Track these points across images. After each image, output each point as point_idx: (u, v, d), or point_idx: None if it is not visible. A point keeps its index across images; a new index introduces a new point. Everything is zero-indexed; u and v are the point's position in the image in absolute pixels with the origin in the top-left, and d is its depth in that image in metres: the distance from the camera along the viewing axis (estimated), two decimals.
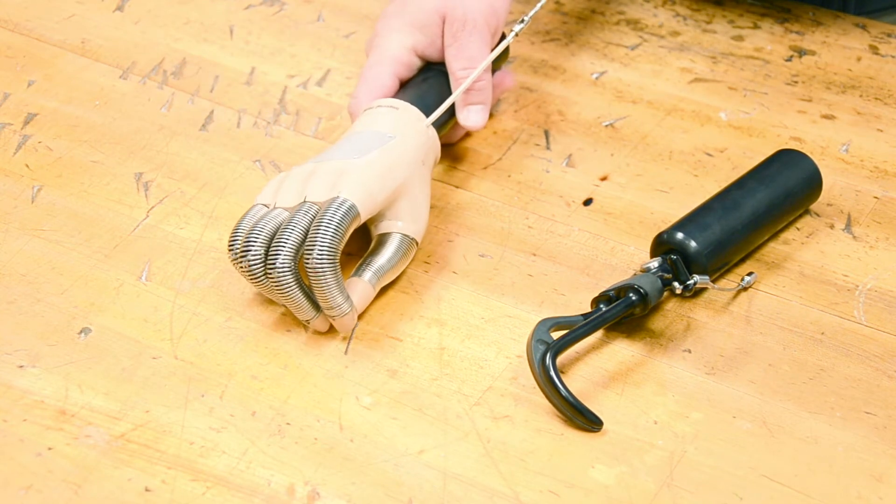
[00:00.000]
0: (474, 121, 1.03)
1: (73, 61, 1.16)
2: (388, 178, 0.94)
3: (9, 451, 0.85)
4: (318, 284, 0.89)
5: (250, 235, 0.90)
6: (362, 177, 0.92)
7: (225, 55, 1.17)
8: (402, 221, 0.95)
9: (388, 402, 0.88)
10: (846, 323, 0.93)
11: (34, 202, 1.03)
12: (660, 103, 1.11)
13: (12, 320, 0.94)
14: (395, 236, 0.95)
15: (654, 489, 0.83)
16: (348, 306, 0.90)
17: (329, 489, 0.83)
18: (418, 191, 0.96)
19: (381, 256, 0.94)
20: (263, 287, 0.91)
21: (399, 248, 0.95)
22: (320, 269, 0.89)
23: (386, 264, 0.94)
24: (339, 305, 0.90)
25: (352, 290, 0.92)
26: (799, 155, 0.99)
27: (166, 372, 0.90)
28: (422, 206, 0.96)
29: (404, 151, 0.96)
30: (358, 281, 0.93)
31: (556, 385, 0.86)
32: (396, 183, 0.94)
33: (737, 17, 1.19)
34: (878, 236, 0.99)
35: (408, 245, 0.95)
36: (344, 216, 0.90)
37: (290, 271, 0.89)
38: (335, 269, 0.89)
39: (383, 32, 1.04)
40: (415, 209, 0.95)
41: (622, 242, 0.99)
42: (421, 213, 0.96)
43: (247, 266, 0.90)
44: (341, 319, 0.91)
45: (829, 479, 0.84)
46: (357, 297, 0.92)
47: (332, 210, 0.90)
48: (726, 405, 0.88)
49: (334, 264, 0.89)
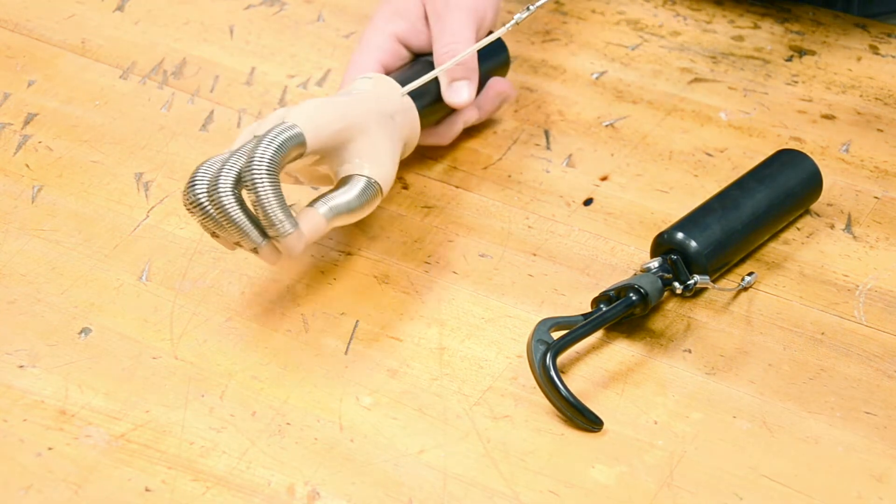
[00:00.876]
0: (458, 96, 1.02)
1: (73, 61, 1.16)
2: (341, 113, 0.92)
3: (9, 451, 0.85)
4: (258, 199, 0.87)
5: (196, 173, 0.89)
6: (312, 107, 0.91)
7: (225, 55, 1.17)
8: (365, 164, 0.93)
9: (388, 402, 0.88)
10: (846, 323, 0.93)
11: (34, 202, 1.03)
12: (660, 103, 1.11)
13: (12, 320, 0.94)
14: (357, 178, 0.93)
15: (654, 489, 0.83)
16: (291, 225, 0.88)
17: (329, 489, 0.83)
18: (382, 138, 0.94)
19: (339, 194, 0.92)
20: (213, 224, 0.89)
21: (360, 190, 0.92)
22: (258, 181, 0.87)
23: (342, 202, 0.92)
24: (282, 222, 0.88)
25: (302, 218, 0.90)
26: (799, 155, 0.99)
27: (166, 372, 0.90)
28: (386, 153, 0.94)
29: (368, 99, 0.95)
30: (309, 210, 0.91)
31: (556, 385, 0.86)
32: (350, 119, 0.92)
33: (737, 17, 1.19)
34: (878, 236, 0.99)
35: (369, 188, 0.93)
36: (286, 135, 0.89)
37: (230, 193, 0.88)
38: (274, 184, 0.87)
39: (368, 25, 1.04)
40: (378, 154, 0.94)
41: (622, 242, 0.99)
42: (385, 160, 0.94)
43: (193, 198, 0.89)
44: (285, 240, 0.88)
45: (829, 479, 0.84)
46: (306, 225, 0.90)
47: (275, 131, 0.89)
48: (726, 405, 0.88)
49: (273, 178, 0.87)
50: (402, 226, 1.01)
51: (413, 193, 1.03)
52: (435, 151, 1.07)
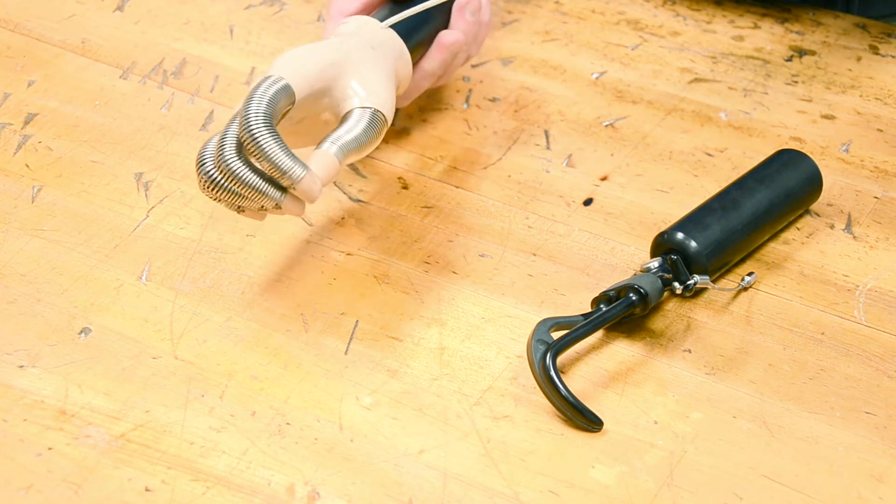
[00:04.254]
0: None
1: (73, 61, 1.16)
2: (319, 54, 0.92)
3: (9, 451, 0.86)
4: (261, 151, 0.87)
5: (203, 153, 0.89)
6: (289, 55, 0.91)
7: (225, 55, 1.17)
8: (361, 96, 0.93)
9: (388, 402, 0.88)
10: (846, 323, 0.93)
11: (34, 202, 1.03)
12: (660, 103, 1.11)
13: (12, 320, 0.94)
14: (358, 111, 0.92)
15: (654, 489, 0.83)
16: (302, 168, 0.87)
17: (329, 489, 0.83)
18: (370, 68, 0.94)
19: (342, 128, 0.92)
20: (231, 196, 0.89)
21: (365, 122, 0.92)
22: (257, 134, 0.87)
23: (350, 138, 0.91)
24: (292, 168, 0.87)
25: (313, 161, 0.89)
26: (799, 155, 0.99)
27: (166, 372, 0.90)
28: (378, 81, 0.94)
29: (347, 37, 0.95)
30: (318, 152, 0.90)
31: (556, 385, 0.86)
32: (330, 57, 0.92)
33: (737, 17, 1.19)
34: (878, 236, 0.99)
35: (370, 116, 0.92)
36: (273, 90, 0.89)
37: (236, 158, 0.88)
38: (273, 134, 0.87)
39: None
40: (370, 83, 0.93)
41: (622, 242, 0.99)
42: (378, 87, 0.93)
43: (204, 177, 0.89)
44: (301, 185, 0.88)
45: (829, 479, 0.84)
46: (318, 167, 0.89)
47: (261, 87, 0.89)
48: (726, 405, 0.88)
49: (270, 129, 0.87)
50: (402, 226, 1.01)
51: (413, 193, 1.03)
52: (435, 151, 1.07)
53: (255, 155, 0.87)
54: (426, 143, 1.07)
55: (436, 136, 1.08)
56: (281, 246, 0.99)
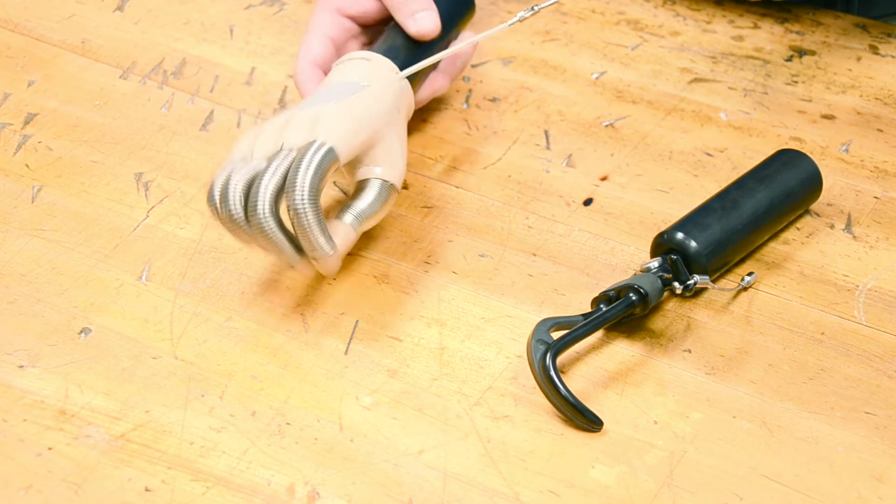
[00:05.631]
0: (422, 27, 1.01)
1: (73, 61, 1.16)
2: (364, 121, 0.94)
3: (9, 451, 0.86)
4: (300, 226, 0.89)
5: (229, 184, 0.90)
6: (339, 120, 0.93)
7: (225, 55, 1.17)
8: (380, 167, 0.95)
9: (388, 402, 0.88)
10: (846, 323, 0.93)
11: (34, 202, 1.03)
12: (660, 103, 1.11)
13: (12, 320, 0.94)
14: (375, 182, 0.95)
15: (654, 489, 0.83)
16: (331, 248, 0.90)
17: (329, 489, 0.83)
18: (395, 138, 0.96)
19: (362, 201, 0.94)
20: (245, 235, 0.91)
21: (379, 193, 0.94)
22: (302, 210, 0.89)
23: (367, 208, 0.94)
24: (322, 247, 0.90)
25: (334, 232, 0.92)
26: (799, 155, 0.99)
27: (166, 372, 0.90)
28: (398, 153, 0.96)
29: (379, 98, 0.96)
30: (339, 223, 0.93)
31: (556, 385, 0.86)
32: (373, 128, 0.94)
33: (737, 17, 1.19)
34: (878, 236, 0.99)
35: (388, 190, 0.95)
36: (323, 158, 0.90)
37: (271, 215, 0.89)
38: (317, 210, 0.89)
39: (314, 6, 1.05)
40: (391, 155, 0.95)
41: (622, 242, 0.99)
42: (397, 160, 0.96)
43: (227, 214, 0.90)
44: (325, 261, 0.90)
45: (829, 479, 0.84)
46: (339, 240, 0.92)
47: (311, 152, 0.90)
48: (726, 405, 0.88)
49: (316, 205, 0.89)
50: (402, 226, 1.01)
51: (413, 193, 1.03)
52: (435, 151, 1.07)
53: (295, 224, 0.89)
54: (426, 143, 1.07)
55: (436, 136, 1.08)
56: None
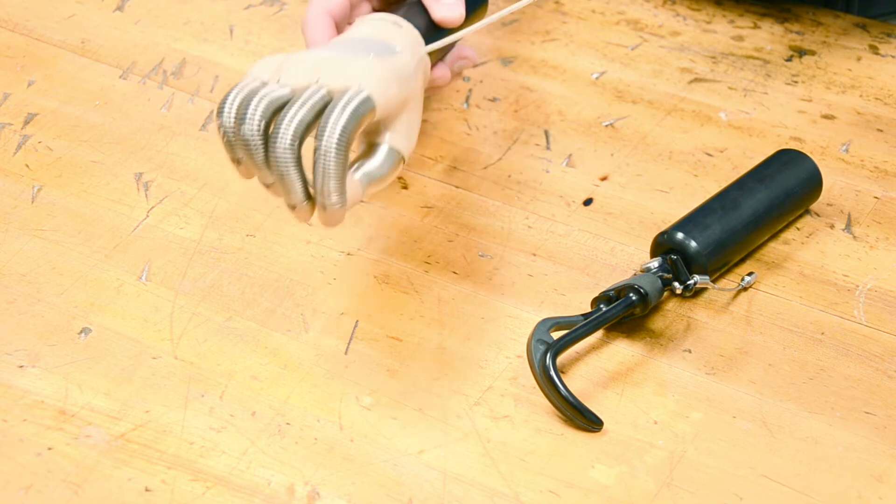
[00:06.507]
0: (448, 13, 0.98)
1: (73, 61, 1.16)
2: (400, 84, 0.88)
3: (9, 451, 0.86)
4: (323, 170, 0.82)
5: (251, 101, 0.84)
6: (380, 72, 0.87)
7: (225, 55, 1.17)
8: (395, 135, 0.89)
9: (388, 402, 0.88)
10: (846, 323, 0.93)
11: (34, 202, 1.03)
12: (660, 103, 1.11)
13: (12, 320, 0.94)
14: (385, 148, 0.89)
15: (654, 489, 0.83)
16: (342, 200, 0.84)
17: (329, 489, 0.83)
18: (416, 110, 0.91)
19: (371, 162, 0.88)
20: (250, 163, 0.84)
21: (387, 159, 0.89)
22: (330, 154, 0.82)
23: (375, 171, 0.88)
24: (335, 195, 0.83)
25: None
26: (799, 155, 0.99)
27: (166, 372, 0.90)
28: (415, 125, 0.91)
29: (411, 68, 0.91)
30: (349, 178, 0.86)
31: (556, 385, 0.86)
32: (405, 92, 0.89)
33: (737, 17, 1.19)
34: (878, 236, 0.99)
35: (396, 159, 0.89)
36: (361, 104, 0.84)
37: (293, 149, 0.83)
38: (345, 156, 0.83)
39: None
40: (409, 126, 0.90)
41: (622, 242, 0.99)
42: (412, 132, 0.91)
43: (241, 136, 0.84)
44: (332, 212, 0.84)
45: (829, 479, 0.84)
46: (349, 195, 0.85)
47: (349, 95, 0.84)
48: (726, 405, 0.88)
49: (344, 152, 0.83)
50: (402, 226, 1.01)
51: (413, 193, 1.03)
52: (435, 151, 1.07)
53: (316, 166, 0.83)
54: (426, 143, 1.07)
55: (436, 136, 1.08)
56: (281, 246, 0.99)
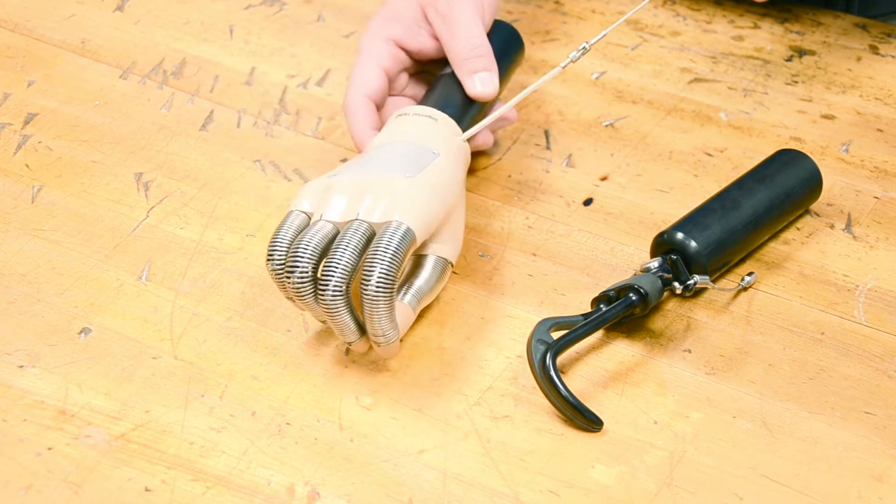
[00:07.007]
0: (482, 90, 0.99)
1: (73, 61, 1.16)
2: (440, 201, 0.90)
3: (9, 451, 0.86)
4: (372, 312, 0.85)
5: (298, 249, 0.87)
6: (418, 199, 0.89)
7: (225, 55, 1.17)
8: (442, 244, 0.92)
9: (388, 402, 0.88)
10: (846, 323, 0.93)
11: (34, 202, 1.03)
12: (660, 103, 1.11)
13: (12, 320, 0.94)
14: (432, 258, 0.92)
15: (654, 489, 0.83)
16: (395, 334, 0.87)
17: (329, 489, 0.83)
18: (460, 212, 0.93)
19: (420, 278, 0.91)
20: (305, 305, 0.87)
21: (435, 269, 0.91)
22: (377, 298, 0.85)
23: (424, 285, 0.91)
24: (387, 333, 0.86)
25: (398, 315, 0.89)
26: (799, 155, 0.99)
27: (166, 372, 0.90)
28: (460, 227, 0.93)
29: (451, 171, 0.93)
30: (400, 305, 0.89)
31: (556, 385, 0.86)
32: (446, 206, 0.91)
33: (737, 17, 1.19)
34: (878, 236, 0.99)
35: (444, 267, 0.92)
36: (402, 241, 0.86)
37: (342, 295, 0.85)
38: (391, 298, 0.85)
39: (365, 31, 1.03)
40: (454, 231, 0.93)
41: (622, 242, 0.99)
42: (458, 235, 0.93)
43: (294, 284, 0.86)
44: (386, 346, 0.87)
45: (829, 479, 0.84)
46: (400, 322, 0.88)
47: (390, 234, 0.86)
48: (726, 405, 0.88)
49: (391, 293, 0.85)
50: None
51: None
52: None
53: (365, 308, 0.85)
54: None
55: None
56: None
